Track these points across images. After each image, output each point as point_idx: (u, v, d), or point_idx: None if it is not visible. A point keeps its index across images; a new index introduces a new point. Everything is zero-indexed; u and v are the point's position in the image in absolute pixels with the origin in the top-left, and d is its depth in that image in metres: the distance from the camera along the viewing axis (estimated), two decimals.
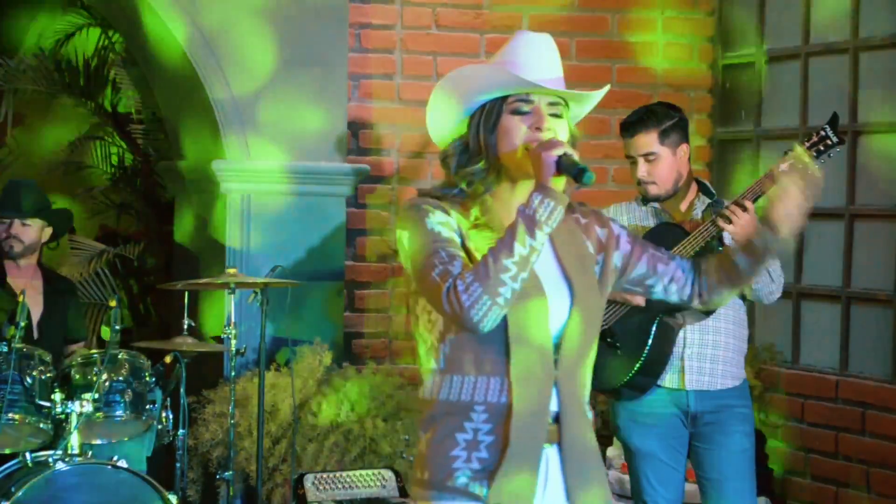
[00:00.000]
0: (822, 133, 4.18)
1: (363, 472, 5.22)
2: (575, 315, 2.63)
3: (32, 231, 5.30)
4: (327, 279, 5.86)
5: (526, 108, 2.63)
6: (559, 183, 2.53)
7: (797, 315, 5.88)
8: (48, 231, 5.38)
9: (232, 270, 5.20)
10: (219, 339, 5.33)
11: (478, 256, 2.56)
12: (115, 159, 7.52)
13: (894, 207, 5.43)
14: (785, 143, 4.41)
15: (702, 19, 6.34)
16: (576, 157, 2.53)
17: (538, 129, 2.60)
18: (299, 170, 5.81)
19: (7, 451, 4.79)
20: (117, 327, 4.82)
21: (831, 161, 4.44)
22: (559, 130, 2.63)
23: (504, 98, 2.63)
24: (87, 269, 6.91)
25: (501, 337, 2.55)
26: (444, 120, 2.71)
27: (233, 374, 5.10)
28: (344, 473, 5.19)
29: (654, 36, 6.27)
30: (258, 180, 5.78)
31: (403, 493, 5.19)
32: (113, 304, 4.86)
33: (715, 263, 2.80)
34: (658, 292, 2.84)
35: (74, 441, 4.66)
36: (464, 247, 2.59)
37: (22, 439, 4.75)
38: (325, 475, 5.17)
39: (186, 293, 5.14)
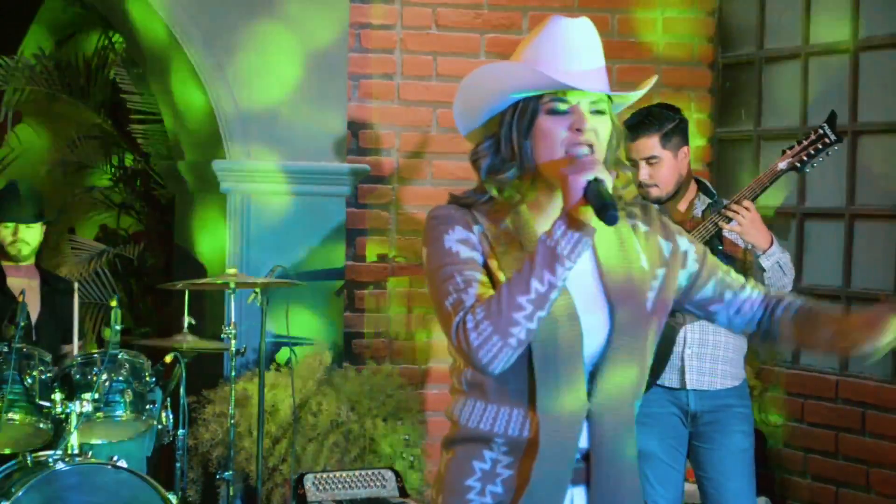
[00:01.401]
0: (821, 131, 4.20)
1: (363, 472, 5.22)
2: (614, 343, 2.37)
3: (37, 233, 5.33)
4: (327, 279, 5.86)
5: (563, 107, 2.35)
6: (587, 212, 2.22)
7: None
8: (43, 231, 5.43)
9: (232, 270, 5.20)
10: (219, 339, 5.33)
11: (501, 277, 2.32)
12: (115, 159, 7.52)
13: (894, 207, 5.43)
14: (785, 143, 4.41)
15: (702, 19, 6.34)
16: (608, 183, 2.23)
17: (578, 130, 2.33)
18: (299, 170, 5.81)
19: (7, 451, 4.79)
20: (117, 327, 4.82)
21: (831, 161, 4.45)
22: (601, 129, 2.36)
23: (539, 96, 2.36)
24: (87, 269, 6.91)
25: (525, 365, 2.31)
26: (472, 116, 2.46)
27: (233, 374, 5.10)
28: (344, 473, 5.19)
29: (654, 36, 6.27)
30: (258, 180, 5.78)
31: (403, 493, 5.19)
32: (113, 304, 4.87)
33: (797, 320, 2.51)
34: (721, 320, 2.57)
35: (74, 441, 4.66)
36: (487, 266, 2.35)
37: (22, 439, 4.75)
38: (325, 475, 5.17)
39: (187, 293, 5.14)
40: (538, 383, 2.32)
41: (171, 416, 4.98)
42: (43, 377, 4.73)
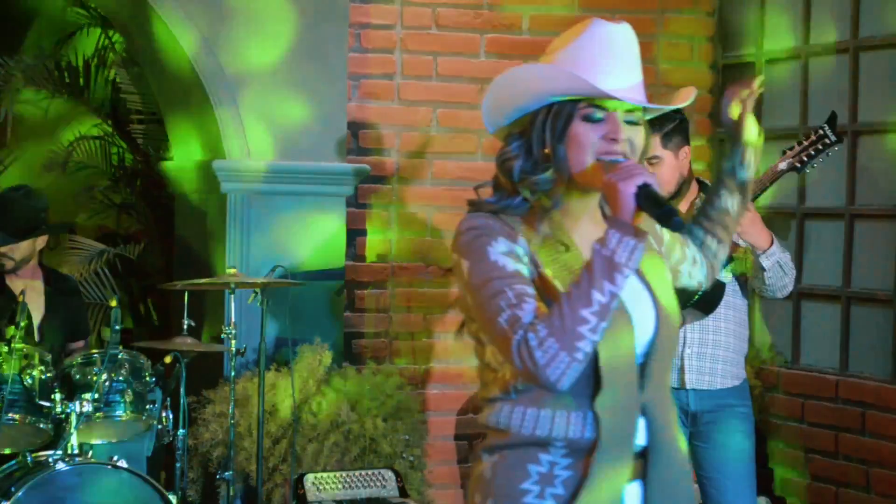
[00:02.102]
0: (821, 132, 4.21)
1: (363, 472, 5.22)
2: (661, 330, 2.40)
3: (24, 247, 5.21)
4: (327, 279, 5.86)
5: (599, 114, 2.34)
6: (639, 217, 2.24)
7: (797, 315, 5.88)
8: (43, 239, 5.32)
9: (232, 270, 5.20)
10: (219, 339, 5.33)
11: (555, 284, 2.30)
12: (115, 159, 7.52)
13: (894, 207, 5.43)
14: (785, 143, 4.41)
15: (702, 19, 6.34)
16: (657, 188, 2.24)
17: (613, 139, 2.33)
18: (299, 170, 5.81)
19: (7, 451, 4.79)
20: (117, 327, 4.82)
21: (831, 161, 4.45)
22: (635, 139, 2.37)
23: (575, 101, 2.34)
24: (87, 269, 6.91)
25: (588, 370, 2.29)
26: (502, 114, 2.43)
27: (233, 374, 5.10)
28: (344, 473, 5.20)
29: (654, 36, 6.27)
30: (258, 180, 5.78)
31: (403, 493, 5.19)
32: (113, 304, 4.86)
33: (705, 224, 2.71)
34: (684, 277, 2.68)
35: (74, 441, 4.66)
36: (540, 276, 2.32)
37: (22, 439, 4.74)
38: (325, 475, 5.17)
39: (186, 293, 5.14)
40: (603, 385, 2.31)
41: (171, 416, 4.98)
42: (43, 377, 4.72)
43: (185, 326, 5.05)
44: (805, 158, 4.22)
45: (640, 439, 2.37)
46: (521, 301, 2.25)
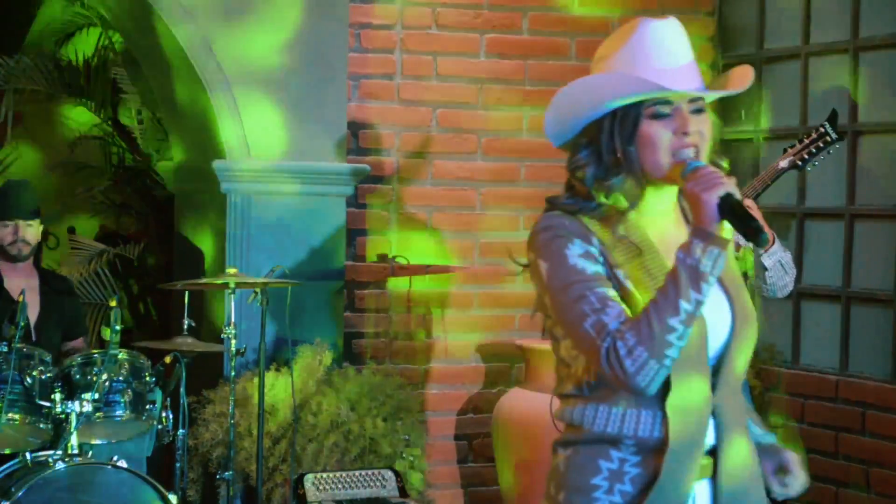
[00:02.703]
0: (822, 130, 4.23)
1: (363, 472, 5.22)
2: (737, 332, 2.43)
3: (36, 231, 5.32)
4: (327, 279, 5.86)
5: (666, 110, 2.36)
6: (724, 226, 2.28)
7: (797, 315, 5.88)
8: (41, 229, 5.41)
9: (232, 270, 5.20)
10: (219, 339, 5.33)
11: (628, 285, 2.34)
12: (115, 159, 7.52)
13: (894, 207, 5.43)
14: (785, 143, 4.42)
15: (702, 19, 6.34)
16: (739, 195, 2.27)
17: (685, 133, 2.35)
18: (299, 170, 5.81)
19: (7, 451, 4.79)
20: (117, 327, 4.81)
21: (831, 161, 4.46)
22: (704, 128, 2.38)
23: (640, 102, 2.35)
24: (87, 269, 6.91)
25: None
26: (566, 127, 2.44)
27: (233, 374, 5.09)
28: (344, 473, 5.19)
29: None
30: (258, 180, 5.78)
31: (403, 493, 5.19)
32: (113, 304, 4.86)
33: None
34: None
35: (74, 441, 4.66)
36: (614, 276, 2.35)
37: (22, 439, 4.74)
38: (325, 475, 5.17)
39: (187, 293, 5.14)
40: (673, 384, 2.33)
41: (171, 416, 4.98)
42: (43, 377, 4.72)
43: (186, 326, 5.06)
44: (806, 156, 4.24)
45: (710, 438, 2.40)
46: (604, 305, 2.30)
